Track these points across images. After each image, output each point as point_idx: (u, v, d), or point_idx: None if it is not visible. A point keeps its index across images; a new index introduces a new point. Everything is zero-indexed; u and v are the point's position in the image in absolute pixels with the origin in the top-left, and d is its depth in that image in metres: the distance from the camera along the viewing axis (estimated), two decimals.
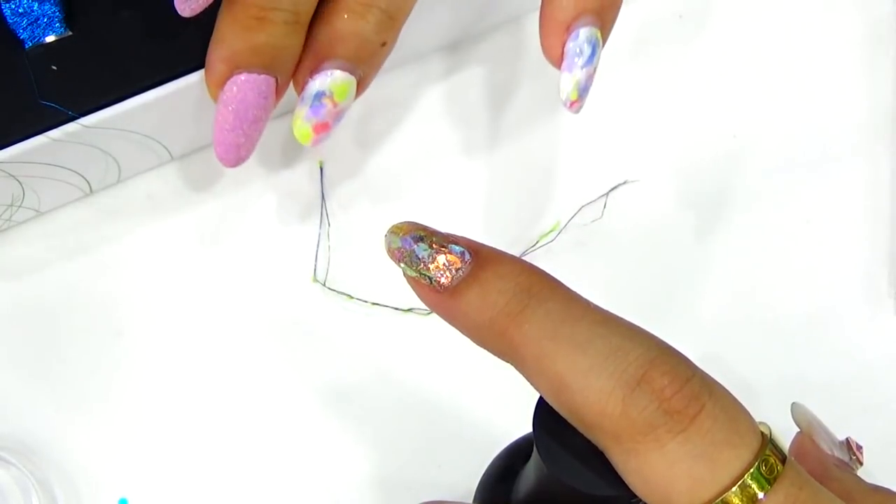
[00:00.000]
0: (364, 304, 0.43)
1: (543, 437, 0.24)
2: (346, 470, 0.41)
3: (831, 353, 0.44)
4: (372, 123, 0.46)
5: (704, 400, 0.21)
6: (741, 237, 0.45)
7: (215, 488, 0.41)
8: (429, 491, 0.41)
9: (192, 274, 0.43)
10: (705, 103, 0.47)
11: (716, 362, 0.42)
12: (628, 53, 0.47)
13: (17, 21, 0.38)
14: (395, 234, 0.25)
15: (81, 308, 0.43)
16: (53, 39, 0.39)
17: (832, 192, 0.46)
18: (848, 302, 0.44)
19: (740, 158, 0.46)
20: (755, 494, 0.21)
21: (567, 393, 0.22)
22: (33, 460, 0.41)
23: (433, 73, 0.47)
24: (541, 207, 0.45)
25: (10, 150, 0.38)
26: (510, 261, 0.24)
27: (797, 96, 0.47)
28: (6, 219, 0.42)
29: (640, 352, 0.22)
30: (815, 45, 0.48)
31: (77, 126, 0.38)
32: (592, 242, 0.45)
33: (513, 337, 0.23)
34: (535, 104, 0.47)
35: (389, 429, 0.42)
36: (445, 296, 0.24)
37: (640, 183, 0.45)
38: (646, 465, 0.21)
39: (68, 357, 0.42)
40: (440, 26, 0.45)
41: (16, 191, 0.40)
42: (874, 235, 0.45)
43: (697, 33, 0.48)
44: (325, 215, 0.44)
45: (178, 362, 0.42)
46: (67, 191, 0.42)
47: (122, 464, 0.41)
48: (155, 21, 0.39)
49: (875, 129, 0.47)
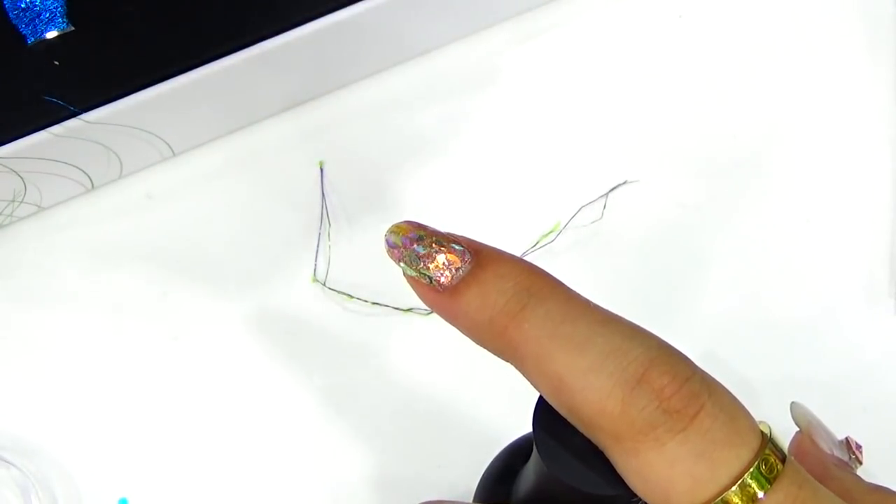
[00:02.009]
0: (364, 303, 0.43)
1: (543, 437, 0.24)
2: (346, 470, 0.41)
3: (831, 353, 0.44)
4: (372, 123, 0.46)
5: (704, 399, 0.21)
6: (741, 237, 0.45)
7: (215, 488, 0.41)
8: (429, 491, 0.41)
9: (192, 273, 0.43)
10: (705, 103, 0.47)
11: (716, 362, 0.42)
12: (628, 53, 0.47)
13: (20, 16, 0.38)
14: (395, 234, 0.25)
15: (82, 305, 0.43)
16: (55, 35, 0.39)
17: (832, 192, 0.46)
18: (848, 302, 0.44)
19: (740, 158, 0.46)
20: (755, 494, 0.21)
21: (567, 392, 0.22)
22: (33, 460, 0.41)
23: (433, 72, 0.47)
24: (541, 208, 0.45)
25: (11, 145, 0.38)
26: (510, 260, 0.24)
27: (797, 96, 0.47)
28: (8, 214, 0.42)
29: (640, 351, 0.22)
30: (815, 45, 0.48)
31: (79, 122, 0.38)
32: (592, 242, 0.45)
33: (512, 336, 0.23)
34: (535, 104, 0.47)
35: (389, 429, 0.42)
36: (445, 295, 0.24)
37: (640, 183, 0.45)
38: (645, 464, 0.21)
39: (68, 357, 0.42)
40: (441, 25, 0.45)
41: (17, 186, 0.40)
42: (874, 235, 0.45)
43: (697, 33, 0.48)
44: (326, 215, 0.44)
45: (178, 362, 0.42)
46: (69, 186, 0.42)
47: (122, 464, 0.41)
48: (157, 17, 0.39)
49: (875, 129, 0.47)
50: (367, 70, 0.46)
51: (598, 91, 0.47)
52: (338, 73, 0.45)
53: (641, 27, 0.48)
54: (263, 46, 0.40)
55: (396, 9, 0.42)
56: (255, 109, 0.45)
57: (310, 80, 0.45)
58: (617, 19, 0.48)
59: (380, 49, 0.45)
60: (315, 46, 0.42)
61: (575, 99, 0.47)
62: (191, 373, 0.42)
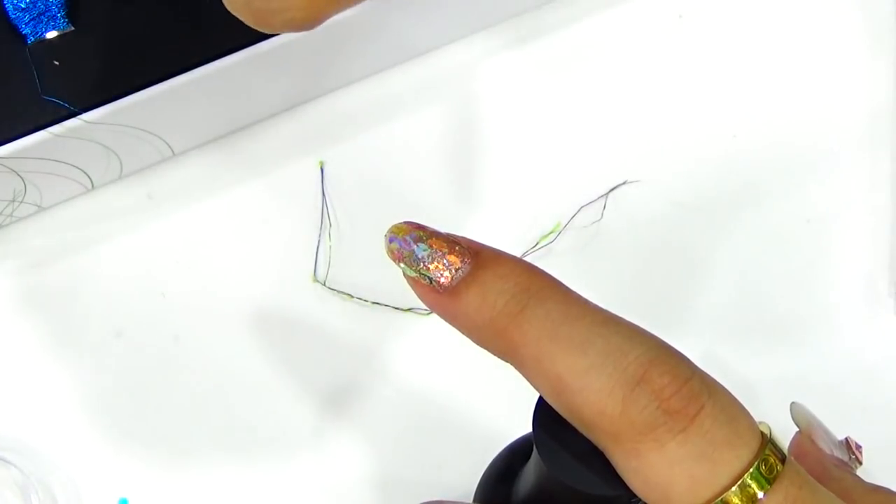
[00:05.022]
0: (364, 303, 0.43)
1: (543, 437, 0.24)
2: (346, 470, 0.41)
3: (831, 353, 0.44)
4: (372, 123, 0.46)
5: (704, 400, 0.21)
6: (741, 237, 0.45)
7: (215, 488, 0.41)
8: (429, 491, 0.41)
9: (192, 273, 0.43)
10: (705, 103, 0.47)
11: (716, 362, 0.42)
12: (629, 53, 0.47)
13: (20, 16, 0.38)
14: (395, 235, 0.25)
15: (82, 306, 0.43)
16: (56, 35, 0.39)
17: (832, 192, 0.46)
18: (848, 302, 0.44)
19: (740, 158, 0.46)
20: (755, 494, 0.21)
21: (567, 393, 0.22)
22: (33, 460, 0.41)
23: (433, 72, 0.47)
24: (541, 208, 0.45)
25: (11, 145, 0.38)
26: (510, 261, 0.24)
27: (797, 96, 0.47)
28: (8, 214, 0.42)
29: (640, 352, 0.22)
30: (815, 45, 0.48)
31: (79, 121, 0.38)
32: (593, 243, 0.45)
33: (512, 337, 0.23)
34: (535, 104, 0.47)
35: (389, 429, 0.42)
36: (445, 296, 0.24)
37: (640, 183, 0.45)
38: (645, 464, 0.21)
39: (68, 357, 0.42)
40: (441, 25, 0.45)
41: (17, 186, 0.40)
42: (874, 235, 0.45)
43: (697, 33, 0.48)
44: (326, 215, 0.44)
45: (178, 361, 0.42)
46: (69, 186, 0.42)
47: (122, 464, 0.41)
48: (157, 17, 0.39)
49: (875, 129, 0.47)
50: (367, 70, 0.46)
51: (598, 91, 0.47)
52: (338, 73, 0.45)
53: (641, 27, 0.48)
54: (263, 46, 0.40)
55: (396, 9, 0.42)
56: (255, 109, 0.45)
57: (310, 80, 0.45)
58: (617, 19, 0.48)
59: (380, 49, 0.45)
60: (315, 46, 0.42)
61: (575, 99, 0.47)
62: (190, 372, 0.42)
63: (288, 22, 0.27)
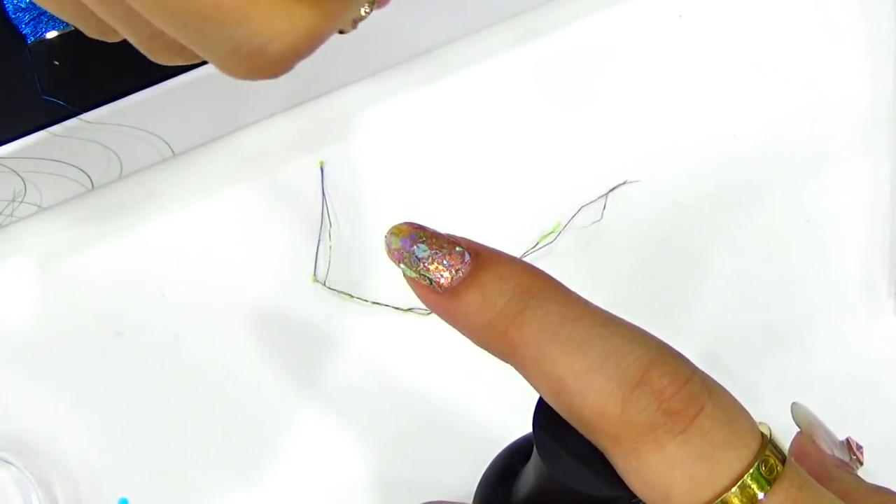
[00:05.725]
0: (364, 303, 0.43)
1: (543, 438, 0.24)
2: (346, 470, 0.41)
3: (831, 353, 0.44)
4: (372, 124, 0.46)
5: (704, 400, 0.21)
6: (741, 237, 0.45)
7: (215, 488, 0.41)
8: (429, 491, 0.41)
9: (192, 273, 0.43)
10: (705, 103, 0.47)
11: (716, 363, 0.42)
12: (628, 53, 0.47)
13: (20, 16, 0.38)
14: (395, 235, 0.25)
15: (82, 306, 0.43)
16: (56, 35, 0.39)
17: (832, 191, 0.46)
18: (848, 302, 0.44)
19: (740, 158, 0.46)
20: (755, 495, 0.21)
21: (566, 394, 0.22)
22: (33, 460, 0.41)
23: (433, 73, 0.47)
24: (541, 208, 0.45)
25: (11, 145, 0.38)
26: (510, 262, 0.24)
27: (797, 96, 0.47)
28: (8, 214, 0.42)
29: (640, 352, 0.22)
30: (814, 45, 0.48)
31: (79, 121, 0.38)
32: (593, 243, 0.45)
33: (512, 338, 0.23)
34: (535, 104, 0.47)
35: (389, 429, 0.42)
36: (445, 296, 0.24)
37: (640, 183, 0.45)
38: (645, 465, 0.21)
39: (68, 357, 0.42)
40: (441, 24, 0.45)
41: (17, 186, 0.40)
42: (874, 235, 0.45)
43: (697, 33, 0.48)
44: (326, 215, 0.44)
45: (178, 362, 0.42)
46: (69, 186, 0.42)
47: (122, 464, 0.41)
48: None
49: (875, 130, 0.47)
50: (367, 70, 0.46)
51: (598, 91, 0.47)
52: (338, 73, 0.45)
53: (641, 27, 0.48)
54: None
55: (396, 9, 0.42)
56: (255, 109, 0.45)
57: (310, 80, 0.45)
58: (617, 19, 0.48)
59: (380, 49, 0.45)
60: None
61: (575, 99, 0.47)
62: (190, 372, 0.42)
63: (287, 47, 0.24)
